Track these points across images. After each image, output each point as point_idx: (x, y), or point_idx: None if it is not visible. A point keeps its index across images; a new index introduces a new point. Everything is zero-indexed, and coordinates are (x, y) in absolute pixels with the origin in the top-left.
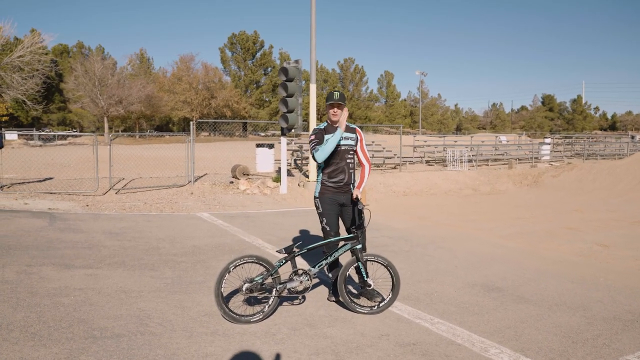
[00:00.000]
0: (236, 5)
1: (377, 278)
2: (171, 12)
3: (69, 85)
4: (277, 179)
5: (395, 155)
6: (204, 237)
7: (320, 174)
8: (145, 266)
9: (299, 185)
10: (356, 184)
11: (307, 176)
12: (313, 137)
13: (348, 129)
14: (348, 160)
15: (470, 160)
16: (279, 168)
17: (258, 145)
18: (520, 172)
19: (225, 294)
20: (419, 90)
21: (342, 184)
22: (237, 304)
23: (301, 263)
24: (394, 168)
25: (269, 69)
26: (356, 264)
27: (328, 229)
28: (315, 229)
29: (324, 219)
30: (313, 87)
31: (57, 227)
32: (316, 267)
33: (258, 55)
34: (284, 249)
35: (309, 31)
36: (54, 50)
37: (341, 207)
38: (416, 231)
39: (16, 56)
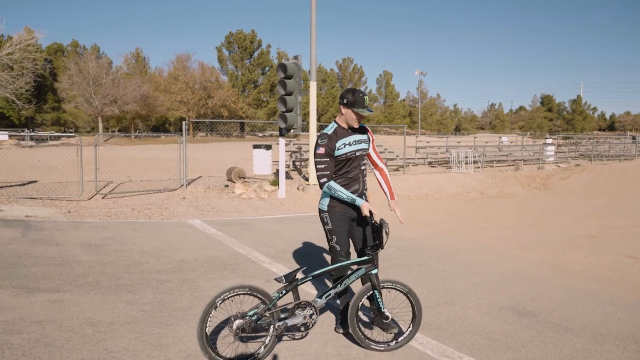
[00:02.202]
0: (233, 4)
1: (394, 307)
2: (168, 10)
3: (63, 85)
4: (275, 182)
5: (397, 156)
6: (194, 249)
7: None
8: (122, 288)
9: (298, 188)
10: (388, 195)
11: (307, 179)
12: (322, 150)
13: (360, 130)
14: (362, 168)
15: (475, 162)
16: (277, 170)
17: (255, 147)
18: (528, 174)
19: (210, 332)
20: (418, 90)
21: (356, 195)
22: (226, 341)
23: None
24: (397, 170)
25: (267, 69)
26: (371, 292)
27: (338, 249)
28: (317, 238)
29: (334, 236)
30: (313, 85)
31: (29, 239)
32: (323, 297)
33: (255, 54)
34: (284, 276)
35: (309, 26)
36: (48, 49)
37: (352, 222)
38: (426, 241)
39: (4, 54)
